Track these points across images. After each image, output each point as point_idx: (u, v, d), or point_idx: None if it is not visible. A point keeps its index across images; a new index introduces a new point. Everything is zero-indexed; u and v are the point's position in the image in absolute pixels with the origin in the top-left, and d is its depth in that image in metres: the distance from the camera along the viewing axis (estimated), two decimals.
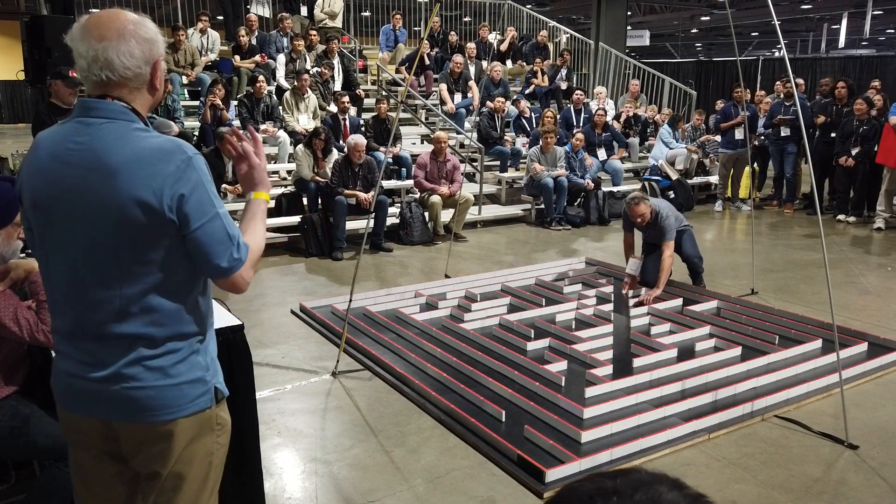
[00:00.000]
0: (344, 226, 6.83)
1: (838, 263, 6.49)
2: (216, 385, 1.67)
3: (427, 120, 10.63)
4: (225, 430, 1.75)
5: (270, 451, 3.17)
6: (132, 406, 1.58)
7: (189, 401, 1.62)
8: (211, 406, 1.66)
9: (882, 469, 3.05)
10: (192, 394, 1.62)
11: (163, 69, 1.61)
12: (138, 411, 1.59)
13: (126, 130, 1.51)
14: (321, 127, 7.45)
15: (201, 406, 1.64)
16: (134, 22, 1.52)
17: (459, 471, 3.03)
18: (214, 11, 11.64)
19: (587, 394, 3.68)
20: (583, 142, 8.81)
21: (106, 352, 1.58)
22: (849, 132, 8.34)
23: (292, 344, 4.54)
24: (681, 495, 0.65)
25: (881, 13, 20.10)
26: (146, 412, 1.59)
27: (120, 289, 1.54)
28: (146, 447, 1.63)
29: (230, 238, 1.55)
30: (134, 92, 1.55)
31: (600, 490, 0.65)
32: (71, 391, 1.63)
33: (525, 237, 7.91)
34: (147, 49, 1.53)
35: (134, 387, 1.56)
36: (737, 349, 4.31)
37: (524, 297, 5.38)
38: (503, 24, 12.75)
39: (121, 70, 1.50)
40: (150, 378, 1.57)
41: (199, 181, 1.51)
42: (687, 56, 29.60)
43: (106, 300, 1.56)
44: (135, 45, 1.51)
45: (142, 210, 1.47)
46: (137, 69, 1.52)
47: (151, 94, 1.60)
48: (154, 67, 1.56)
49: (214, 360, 1.70)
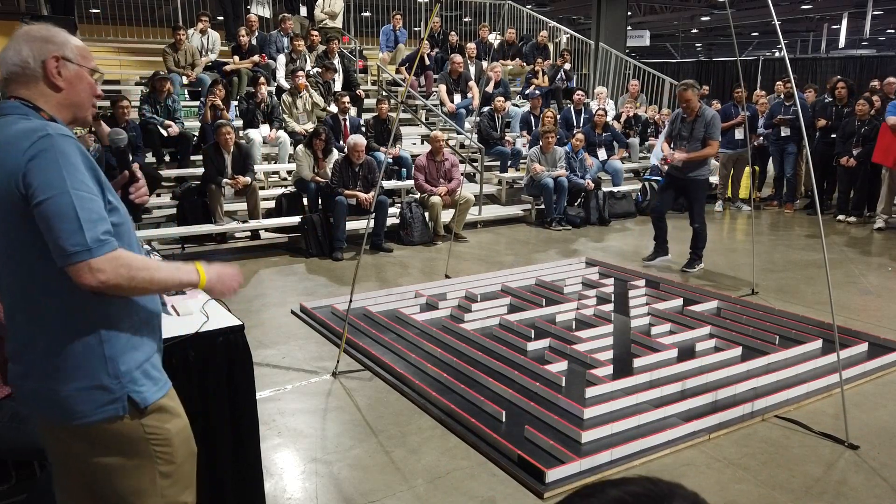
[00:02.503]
0: (344, 226, 6.84)
1: (839, 263, 6.49)
2: (131, 394, 1.60)
3: (427, 120, 10.63)
4: (163, 439, 1.67)
5: (271, 452, 3.17)
6: (39, 404, 1.62)
7: (92, 408, 1.58)
8: (122, 416, 1.60)
9: (882, 469, 3.04)
10: (95, 401, 1.58)
11: (72, 70, 1.63)
12: (45, 410, 1.62)
13: (13, 121, 1.55)
14: (321, 127, 7.46)
15: (108, 414, 1.59)
16: (28, 28, 1.64)
17: (460, 471, 3.03)
18: (214, 12, 11.64)
19: (587, 394, 3.68)
20: (583, 142, 8.81)
21: (19, 344, 1.63)
22: (850, 132, 8.34)
23: (292, 344, 4.54)
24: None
25: (881, 13, 20.08)
26: (50, 412, 1.61)
27: (13, 276, 1.58)
28: (60, 448, 1.66)
29: (79, 220, 1.46)
30: (32, 89, 1.61)
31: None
32: (15, 389, 1.69)
33: (525, 237, 7.91)
34: (36, 47, 1.60)
35: (45, 386, 1.59)
36: (737, 349, 4.31)
37: (524, 298, 5.38)
38: (503, 25, 12.76)
39: (8, 66, 1.60)
40: (48, 379, 1.58)
41: (51, 157, 1.48)
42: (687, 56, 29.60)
43: (6, 287, 1.62)
44: (22, 44, 1.60)
45: (7, 188, 1.49)
46: (24, 65, 1.59)
47: (55, 91, 1.62)
48: (45, 63, 1.60)
49: (135, 368, 1.63)
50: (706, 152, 6.03)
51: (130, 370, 1.61)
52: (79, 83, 1.65)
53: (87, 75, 1.67)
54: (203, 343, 2.34)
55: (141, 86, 8.97)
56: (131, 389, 1.60)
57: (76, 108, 1.66)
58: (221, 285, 1.76)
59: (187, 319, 2.44)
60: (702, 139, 6.04)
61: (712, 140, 6.02)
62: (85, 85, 1.66)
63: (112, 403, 1.59)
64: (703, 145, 6.06)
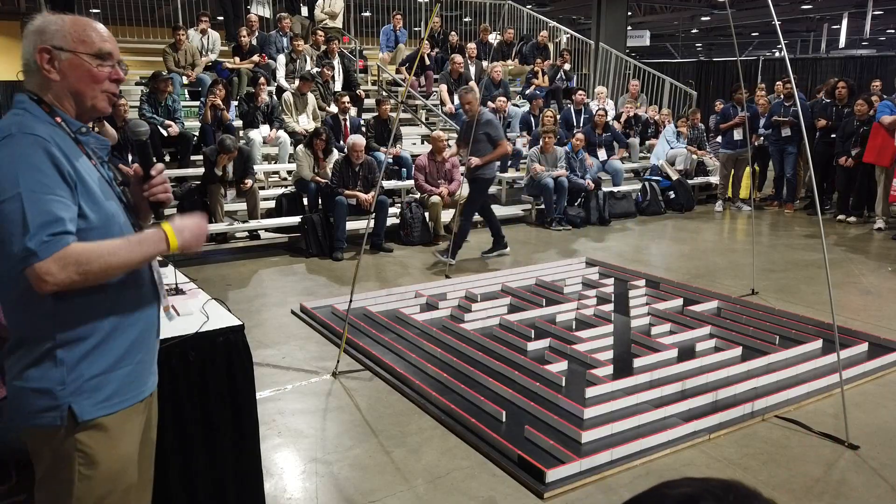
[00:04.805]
0: (344, 226, 6.84)
1: (839, 264, 6.49)
2: (72, 404, 1.53)
3: (427, 120, 10.62)
4: (91, 462, 1.56)
5: (271, 452, 3.17)
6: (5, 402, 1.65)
7: (31, 412, 1.54)
8: (59, 425, 1.53)
9: (883, 469, 3.04)
10: (36, 405, 1.53)
11: (65, 58, 1.57)
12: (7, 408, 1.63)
13: (4, 118, 1.55)
14: (322, 127, 7.45)
15: (45, 422, 1.54)
16: (33, 19, 1.61)
17: (460, 471, 3.03)
18: (215, 12, 11.65)
19: (587, 394, 3.68)
20: (583, 142, 8.81)
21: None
22: (850, 132, 8.34)
23: (293, 344, 4.54)
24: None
25: (881, 13, 20.08)
26: (8, 410, 1.62)
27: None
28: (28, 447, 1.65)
29: (26, 224, 1.41)
30: (35, 82, 1.60)
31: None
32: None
33: (525, 237, 7.91)
34: (33, 39, 1.58)
35: (7, 381, 1.60)
36: (737, 349, 4.31)
37: (524, 298, 5.38)
38: (503, 25, 12.75)
39: (22, 62, 1.60)
40: (10, 376, 1.58)
41: (9, 157, 1.45)
42: (687, 56, 29.58)
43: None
44: (27, 38, 1.59)
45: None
46: (27, 59, 1.59)
47: (52, 82, 1.58)
48: (39, 55, 1.57)
49: (89, 378, 1.56)
50: (497, 153, 6.33)
51: (81, 378, 1.54)
52: (74, 72, 1.58)
53: (87, 62, 1.58)
54: (203, 343, 2.34)
55: (141, 86, 8.97)
56: (74, 400, 1.53)
57: (79, 97, 1.60)
58: (194, 239, 1.65)
59: (187, 319, 2.44)
60: (487, 141, 6.30)
61: (500, 141, 6.34)
62: (83, 73, 1.58)
63: (51, 411, 1.53)
64: (493, 147, 6.31)
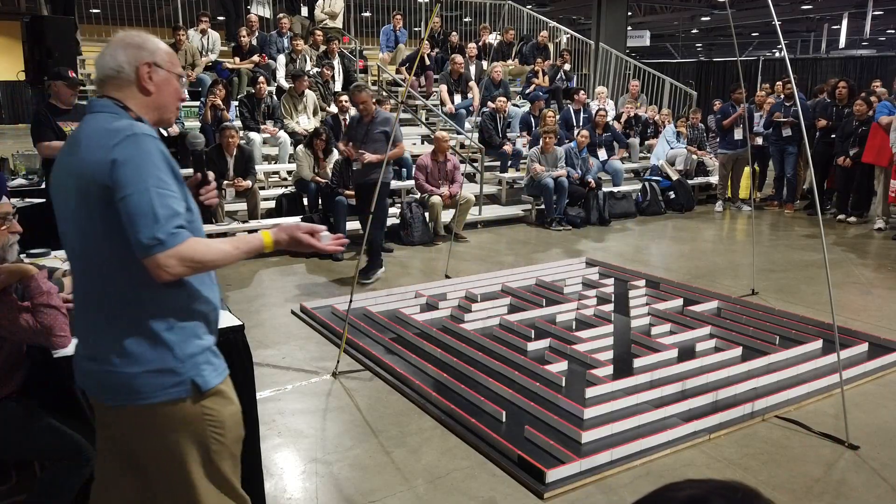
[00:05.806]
0: (344, 226, 6.83)
1: (839, 264, 6.49)
2: (194, 378, 1.71)
3: (427, 120, 10.63)
4: (218, 421, 1.77)
5: (271, 452, 3.17)
6: (102, 386, 1.72)
7: (155, 390, 1.68)
8: (185, 398, 1.70)
9: (883, 469, 3.04)
10: (159, 383, 1.68)
11: (161, 75, 1.76)
12: (106, 392, 1.72)
13: (104, 118, 1.68)
14: (322, 127, 7.45)
15: (172, 396, 1.69)
16: (126, 34, 1.77)
17: (460, 471, 3.03)
18: (215, 12, 11.65)
19: (587, 394, 3.68)
20: (587, 139, 8.82)
21: (88, 327, 1.75)
22: (849, 132, 8.34)
23: (293, 344, 4.54)
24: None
25: (881, 13, 20.10)
26: (112, 393, 1.71)
27: (89, 263, 1.70)
28: (119, 430, 1.77)
29: (155, 216, 1.57)
30: (124, 90, 1.74)
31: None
32: (76, 367, 1.80)
33: (525, 237, 7.91)
34: (131, 53, 1.73)
35: (105, 368, 1.69)
36: (737, 349, 4.31)
37: (524, 298, 5.38)
38: (503, 25, 12.76)
39: (104, 70, 1.73)
40: (115, 362, 1.68)
41: (136, 154, 1.60)
42: (687, 56, 29.62)
43: (80, 271, 1.74)
44: (119, 50, 1.73)
45: (92, 178, 1.61)
46: (119, 69, 1.72)
47: (145, 94, 1.75)
48: (138, 69, 1.73)
49: (197, 352, 1.73)
50: (394, 153, 5.77)
51: (195, 355, 1.72)
52: (166, 87, 1.78)
53: (175, 80, 1.80)
54: None
55: None
56: (195, 373, 1.71)
57: (162, 110, 1.80)
58: (283, 233, 1.83)
59: None
60: (384, 140, 5.71)
61: (399, 142, 5.91)
62: (172, 89, 1.80)
63: (176, 386, 1.69)
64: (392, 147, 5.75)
